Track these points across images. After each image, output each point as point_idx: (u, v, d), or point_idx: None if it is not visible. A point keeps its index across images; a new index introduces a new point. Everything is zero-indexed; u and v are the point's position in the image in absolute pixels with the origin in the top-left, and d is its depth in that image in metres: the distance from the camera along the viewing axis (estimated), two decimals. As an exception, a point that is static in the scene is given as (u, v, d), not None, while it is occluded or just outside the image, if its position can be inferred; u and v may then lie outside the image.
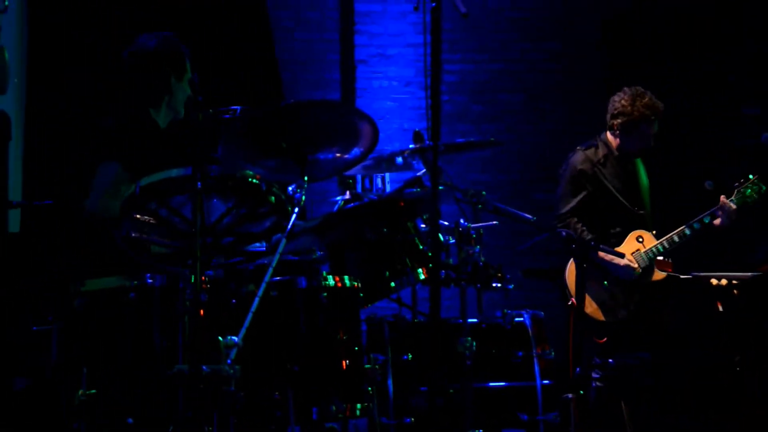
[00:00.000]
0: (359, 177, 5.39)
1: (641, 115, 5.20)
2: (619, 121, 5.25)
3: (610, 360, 5.17)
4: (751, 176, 5.17)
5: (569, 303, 4.97)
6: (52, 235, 4.09)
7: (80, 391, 3.32)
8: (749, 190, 5.14)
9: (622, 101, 5.24)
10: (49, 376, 3.94)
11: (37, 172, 4.69)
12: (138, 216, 3.47)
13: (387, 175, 5.73)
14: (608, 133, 5.34)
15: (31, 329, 4.16)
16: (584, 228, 5.11)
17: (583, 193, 5.18)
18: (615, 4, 7.51)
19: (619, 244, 5.14)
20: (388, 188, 5.73)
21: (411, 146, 4.14)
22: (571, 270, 5.01)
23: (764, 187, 5.17)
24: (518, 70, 7.55)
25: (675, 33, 7.44)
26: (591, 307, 5.00)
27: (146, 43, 4.07)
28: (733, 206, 5.07)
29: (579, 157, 5.29)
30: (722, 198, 5.09)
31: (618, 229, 5.20)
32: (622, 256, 5.01)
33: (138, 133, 3.97)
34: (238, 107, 4.46)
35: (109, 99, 4.36)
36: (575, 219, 5.13)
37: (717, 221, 5.09)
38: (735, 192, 5.13)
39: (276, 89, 6.96)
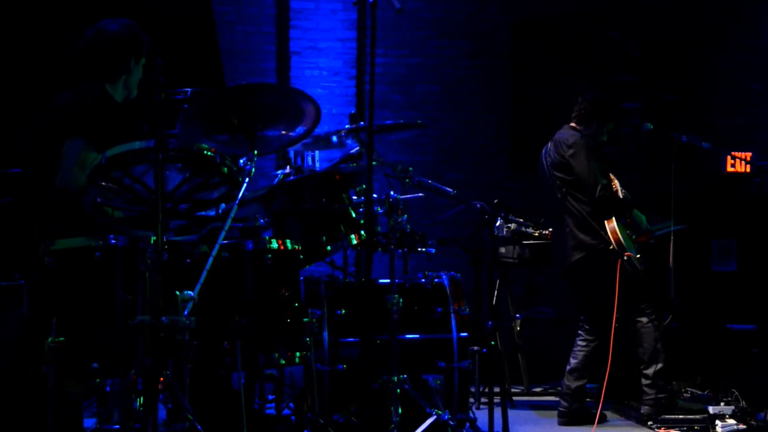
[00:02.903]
0: (292, 155, 5.41)
1: None
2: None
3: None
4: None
5: (611, 249, 5.07)
6: (22, 201, 4.01)
7: (50, 339, 3.29)
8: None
9: None
10: (16, 328, 3.88)
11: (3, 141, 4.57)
12: (103, 183, 3.44)
13: (317, 153, 5.76)
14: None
15: (-1, 284, 4.09)
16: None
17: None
18: (522, 8, 7.65)
19: None
20: (317, 165, 5.76)
21: (347, 126, 4.17)
22: (612, 226, 5.11)
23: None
24: (434, 65, 7.62)
25: (569, 34, 7.63)
26: (634, 257, 5.13)
27: (108, 26, 4.00)
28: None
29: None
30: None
31: None
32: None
33: (96, 108, 3.90)
34: (189, 89, 4.42)
35: (67, 75, 4.25)
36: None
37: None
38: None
39: (218, 76, 6.92)
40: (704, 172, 6.92)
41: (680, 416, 5.04)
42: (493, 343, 3.85)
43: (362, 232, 4.10)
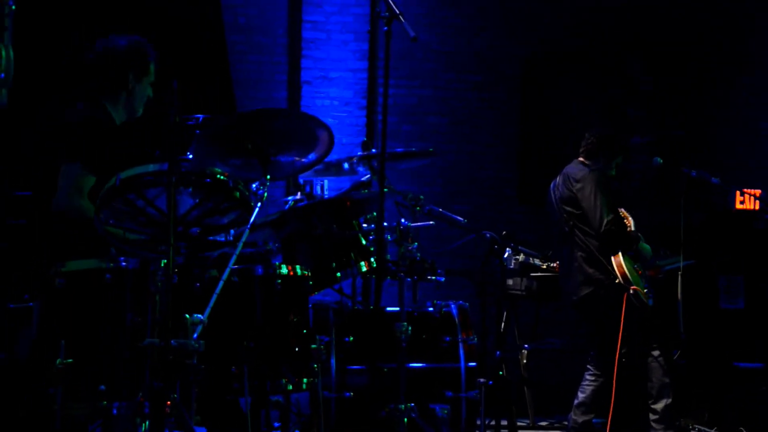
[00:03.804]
0: (301, 182, 5.42)
1: None
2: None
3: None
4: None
5: (617, 282, 5.07)
6: (32, 224, 4.02)
7: (58, 360, 3.28)
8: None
9: None
10: (28, 349, 3.87)
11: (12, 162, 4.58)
12: (116, 205, 3.44)
13: (325, 182, 5.77)
14: None
15: (8, 307, 4.08)
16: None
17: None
18: (532, 43, 7.70)
19: None
20: (326, 194, 5.76)
21: (359, 153, 4.18)
22: (619, 261, 5.11)
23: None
24: (444, 97, 7.66)
25: (580, 72, 7.67)
26: (641, 291, 5.12)
27: (117, 40, 4.01)
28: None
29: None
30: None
31: None
32: None
33: (95, 130, 3.90)
34: (200, 115, 4.46)
35: (67, 84, 4.26)
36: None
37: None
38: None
39: (230, 104, 6.96)
40: (713, 208, 6.92)
41: (688, 452, 5.00)
42: (501, 373, 3.82)
43: (372, 260, 4.09)
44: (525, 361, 6.28)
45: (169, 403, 3.13)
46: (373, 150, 4.20)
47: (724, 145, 7.81)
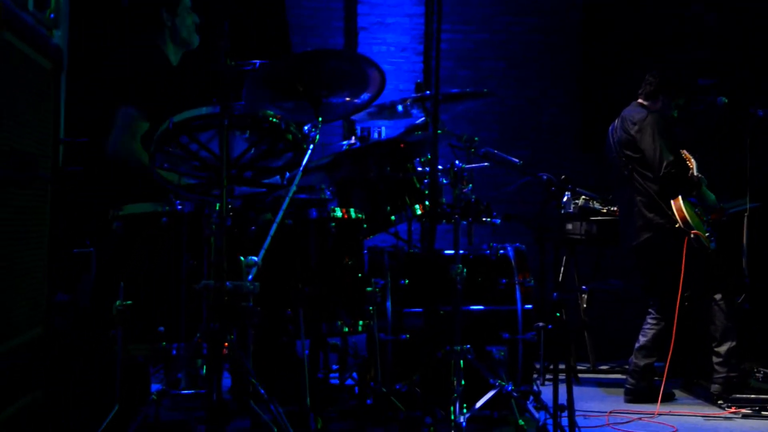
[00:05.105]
0: (359, 128, 5.37)
1: None
2: None
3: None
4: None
5: (677, 227, 4.98)
6: (91, 169, 4.05)
7: (118, 302, 3.32)
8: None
9: None
10: (90, 291, 3.93)
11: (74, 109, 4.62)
12: (170, 149, 3.45)
13: (383, 129, 5.72)
14: None
15: (72, 252, 4.15)
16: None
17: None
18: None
19: None
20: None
21: (413, 95, 4.12)
22: (678, 205, 5.01)
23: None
24: (501, 41, 7.50)
25: (643, 13, 7.43)
26: (703, 235, 5.02)
27: None
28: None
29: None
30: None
31: None
32: None
33: (150, 74, 3.90)
34: (257, 61, 4.42)
35: (123, 40, 4.26)
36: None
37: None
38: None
39: (286, 50, 6.91)
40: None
41: (752, 396, 4.90)
42: (558, 315, 3.76)
43: (426, 203, 4.05)
44: (585, 305, 6.19)
45: (226, 344, 3.14)
46: (427, 92, 4.12)
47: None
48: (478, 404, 3.83)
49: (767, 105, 5.45)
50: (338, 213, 3.73)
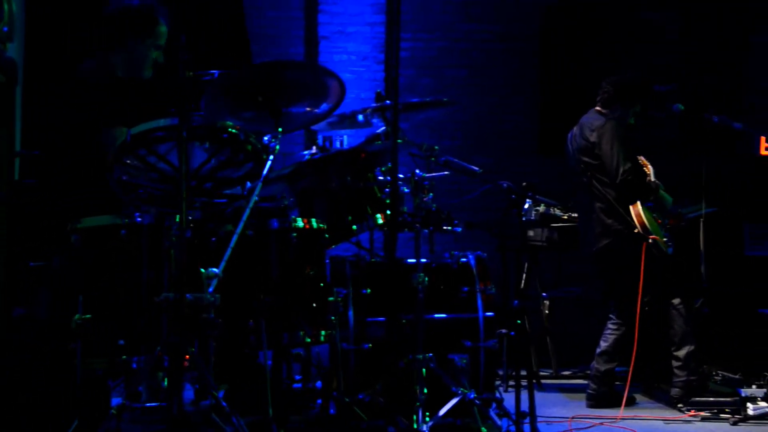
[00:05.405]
0: (320, 138, 5.38)
1: None
2: None
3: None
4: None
5: (636, 232, 5.01)
6: (48, 182, 4.02)
7: (77, 316, 3.30)
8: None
9: None
10: (47, 305, 3.90)
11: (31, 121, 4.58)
12: (128, 161, 3.43)
13: (345, 138, 5.73)
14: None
15: (29, 265, 4.11)
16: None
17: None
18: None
19: None
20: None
21: (373, 105, 4.13)
22: (637, 210, 5.05)
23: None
24: (462, 49, 7.55)
25: (601, 20, 7.52)
26: (661, 240, 5.06)
27: (125, 2, 4.00)
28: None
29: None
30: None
31: None
32: None
33: (101, 86, 3.88)
34: (216, 71, 4.41)
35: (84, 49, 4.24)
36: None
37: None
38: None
39: (247, 60, 6.90)
40: (737, 155, 6.80)
41: (711, 399, 4.96)
42: (519, 322, 3.80)
43: (388, 212, 4.06)
44: (547, 311, 6.24)
45: (187, 357, 3.13)
46: (387, 102, 4.14)
47: (749, 92, 7.65)
48: (441, 412, 3.85)
49: (722, 111, 5.54)
50: (299, 223, 3.73)
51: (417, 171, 4.02)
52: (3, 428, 3.29)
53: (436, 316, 4.28)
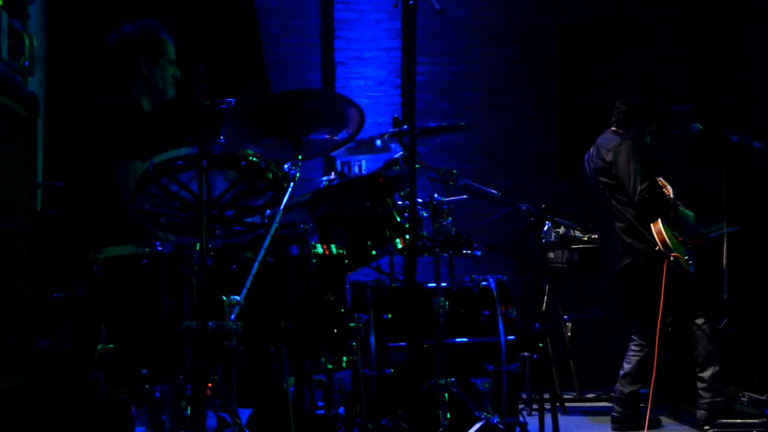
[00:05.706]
0: (339, 164, 5.40)
1: None
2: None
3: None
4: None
5: (657, 250, 5.00)
6: (69, 212, 4.05)
7: (99, 346, 3.31)
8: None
9: None
10: (70, 335, 3.92)
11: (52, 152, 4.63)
12: (150, 191, 3.46)
13: (363, 162, 5.75)
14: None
15: (52, 296, 4.13)
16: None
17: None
18: (567, 14, 7.58)
19: None
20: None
21: (391, 130, 4.15)
22: (658, 228, 5.04)
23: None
24: (478, 72, 7.59)
25: (615, 41, 7.54)
26: (682, 258, 5.05)
27: (125, 28, 4.03)
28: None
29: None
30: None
31: None
32: None
33: (122, 120, 3.91)
34: (232, 99, 4.45)
35: (99, 86, 4.28)
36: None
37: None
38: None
39: (264, 87, 6.96)
40: (757, 173, 6.77)
41: (737, 420, 4.92)
42: (541, 345, 3.78)
43: (407, 236, 4.06)
44: (570, 334, 6.22)
45: (210, 385, 3.14)
46: (405, 127, 4.16)
47: (764, 110, 7.62)
48: (465, 437, 3.83)
49: (742, 130, 5.53)
50: (319, 249, 3.73)
51: (435, 195, 4.02)
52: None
53: (458, 340, 4.26)
